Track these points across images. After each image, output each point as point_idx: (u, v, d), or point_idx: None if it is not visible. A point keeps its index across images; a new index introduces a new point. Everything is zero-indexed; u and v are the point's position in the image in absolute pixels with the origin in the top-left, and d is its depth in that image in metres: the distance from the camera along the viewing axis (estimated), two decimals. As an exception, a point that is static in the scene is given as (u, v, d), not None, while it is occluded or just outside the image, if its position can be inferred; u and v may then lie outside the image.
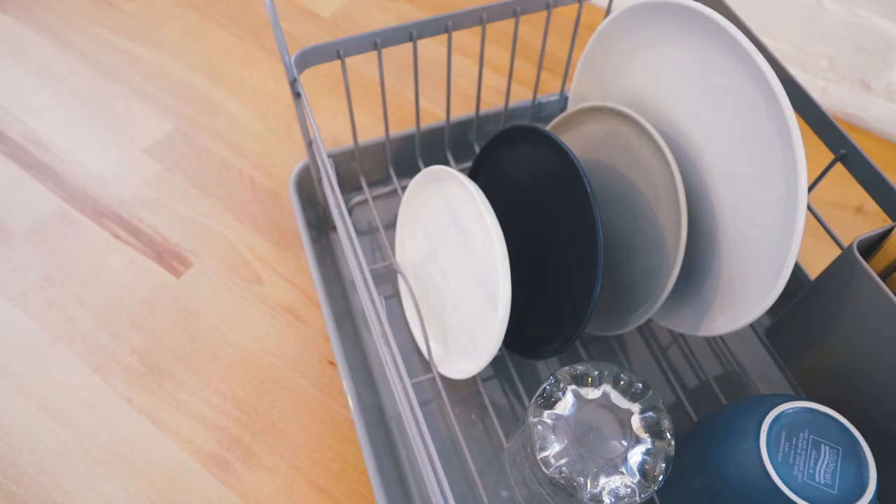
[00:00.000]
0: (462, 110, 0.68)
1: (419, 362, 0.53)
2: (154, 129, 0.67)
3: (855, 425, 0.40)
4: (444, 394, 0.47)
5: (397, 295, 0.56)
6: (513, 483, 0.45)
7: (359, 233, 0.61)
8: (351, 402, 0.47)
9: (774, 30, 0.70)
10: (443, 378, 0.51)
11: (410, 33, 0.49)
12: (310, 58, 0.46)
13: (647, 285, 0.46)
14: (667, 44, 0.43)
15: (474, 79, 0.60)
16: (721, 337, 0.54)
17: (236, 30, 0.75)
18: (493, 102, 0.69)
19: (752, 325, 0.51)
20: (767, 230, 0.39)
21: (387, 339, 0.40)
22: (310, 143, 0.50)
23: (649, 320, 0.53)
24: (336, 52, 0.47)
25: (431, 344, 0.51)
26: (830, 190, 0.64)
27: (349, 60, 0.69)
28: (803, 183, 0.36)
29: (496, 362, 0.52)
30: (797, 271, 0.53)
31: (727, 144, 0.41)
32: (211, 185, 0.63)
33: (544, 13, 0.52)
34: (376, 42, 0.48)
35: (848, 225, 0.63)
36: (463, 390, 0.51)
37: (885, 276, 0.40)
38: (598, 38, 0.49)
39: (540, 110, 0.63)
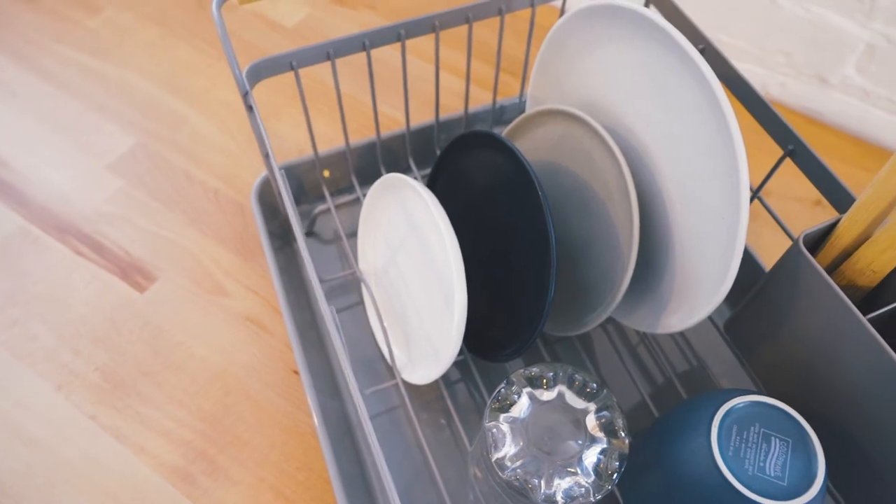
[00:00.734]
0: (427, 116, 0.68)
1: (385, 369, 0.53)
2: (117, 144, 0.66)
3: (809, 418, 0.40)
4: (407, 400, 0.48)
5: (364, 303, 0.56)
6: (476, 486, 0.45)
7: (324, 241, 0.61)
8: (314, 411, 0.47)
9: (732, 28, 0.71)
10: (408, 384, 0.51)
11: (363, 43, 0.49)
12: (262, 70, 0.47)
13: (605, 285, 0.46)
14: (614, 46, 0.44)
15: (431, 81, 0.60)
16: (683, 334, 0.55)
17: (199, 43, 0.75)
18: (456, 107, 0.70)
19: (713, 321, 0.52)
20: (715, 228, 0.39)
21: (342, 349, 0.40)
22: (266, 156, 0.50)
23: (613, 319, 0.54)
24: (289, 63, 0.48)
25: (395, 350, 0.52)
26: (791, 183, 0.65)
27: (312, 70, 0.69)
28: (745, 181, 0.36)
29: (461, 366, 0.52)
30: (754, 266, 0.54)
31: (674, 144, 0.41)
32: (174, 198, 0.63)
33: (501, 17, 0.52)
34: (329, 53, 0.48)
35: (808, 218, 0.64)
36: (428, 395, 0.52)
37: (832, 268, 0.41)
38: (550, 41, 0.49)
39: (501, 114, 0.64)
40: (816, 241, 0.41)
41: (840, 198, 0.41)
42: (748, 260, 0.53)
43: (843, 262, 0.40)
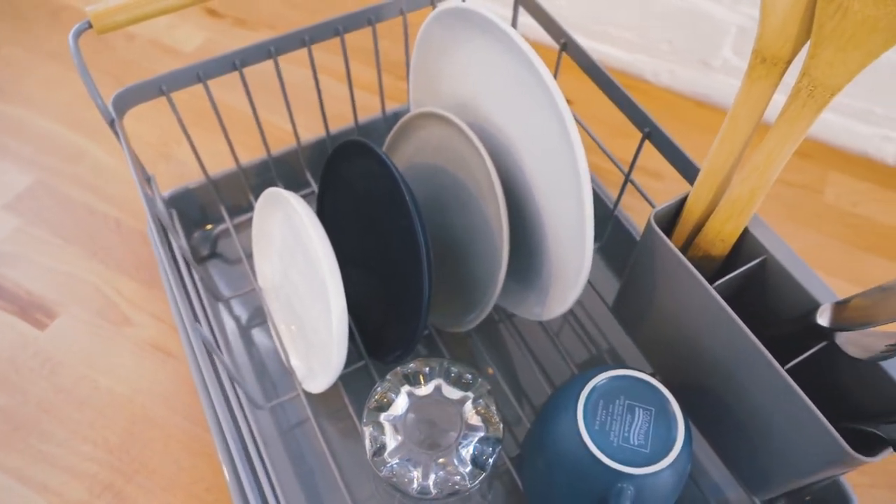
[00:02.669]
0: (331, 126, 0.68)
1: (291, 381, 0.53)
2: (14, 183, 0.66)
3: (684, 387, 0.42)
4: (309, 410, 0.48)
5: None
6: (379, 489, 0.46)
7: (230, 261, 0.61)
8: (212, 431, 0.47)
9: (618, 20, 0.74)
10: (314, 395, 0.52)
11: (234, 63, 0.50)
12: (130, 98, 0.47)
13: (489, 278, 0.47)
14: (469, 47, 0.45)
15: (335, 95, 0.61)
16: (576, 316, 0.56)
17: (99, 75, 0.75)
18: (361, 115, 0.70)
19: (604, 301, 0.54)
20: (573, 214, 0.41)
21: (222, 368, 0.41)
22: (148, 180, 0.51)
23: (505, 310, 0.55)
24: (159, 88, 0.48)
25: (297, 361, 0.52)
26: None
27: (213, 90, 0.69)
28: (584, 168, 0.38)
29: (361, 372, 0.53)
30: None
31: (531, 138, 0.43)
32: (75, 232, 0.63)
33: (398, 20, 0.53)
34: (199, 74, 0.49)
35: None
36: (335, 404, 0.52)
37: (689, 241, 0.42)
38: (418, 46, 0.51)
39: (394, 120, 0.65)
40: (672, 217, 0.43)
41: (693, 174, 0.43)
42: (634, 242, 0.55)
43: (698, 235, 0.42)
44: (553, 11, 0.76)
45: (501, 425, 0.39)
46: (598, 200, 0.58)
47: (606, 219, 0.55)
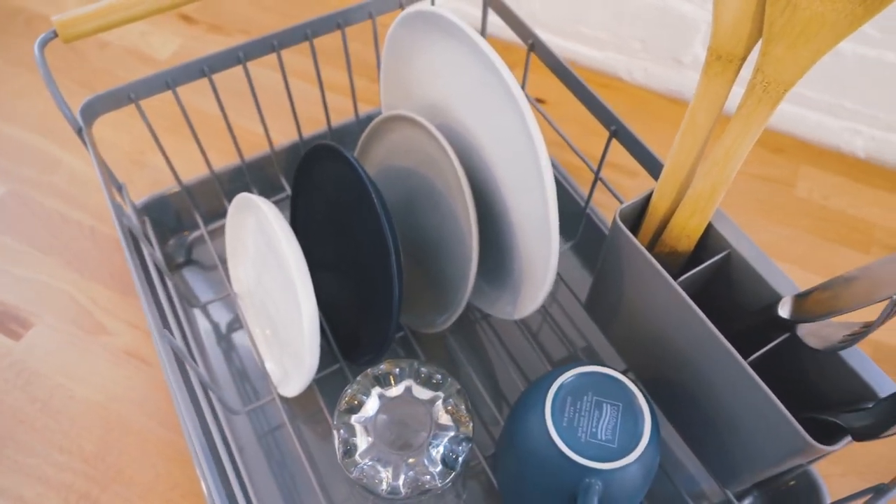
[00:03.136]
0: (306, 130, 0.68)
1: (267, 386, 0.53)
2: (-13, 194, 0.65)
3: (654, 381, 0.43)
4: (284, 414, 0.48)
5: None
6: (354, 491, 0.46)
7: (206, 267, 0.61)
8: (186, 437, 0.47)
9: (591, 20, 0.74)
10: (290, 399, 0.52)
11: (202, 69, 0.50)
12: (98, 106, 0.47)
13: (459, 279, 0.48)
14: (436, 49, 0.46)
15: (311, 98, 0.61)
16: (553, 315, 0.57)
17: (71, 84, 0.75)
18: (335, 119, 0.70)
19: (578, 299, 0.54)
20: (539, 213, 0.41)
21: (193, 374, 0.41)
22: (119, 188, 0.51)
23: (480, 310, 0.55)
24: (128, 96, 0.48)
25: (273, 365, 0.52)
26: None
27: (183, 95, 0.69)
28: (547, 168, 0.38)
29: (337, 375, 0.53)
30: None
31: (497, 139, 0.43)
32: (49, 242, 0.62)
33: (369, 22, 0.53)
34: (167, 82, 0.49)
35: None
36: (311, 407, 0.52)
37: (656, 238, 0.43)
38: (387, 48, 0.51)
39: (367, 123, 0.65)
40: (639, 213, 0.43)
41: (658, 170, 0.44)
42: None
43: (664, 231, 0.42)
44: (527, 11, 0.77)
45: (472, 424, 0.39)
46: (570, 198, 0.59)
47: (579, 216, 0.56)
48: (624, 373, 0.40)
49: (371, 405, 0.39)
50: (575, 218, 0.57)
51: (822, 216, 0.66)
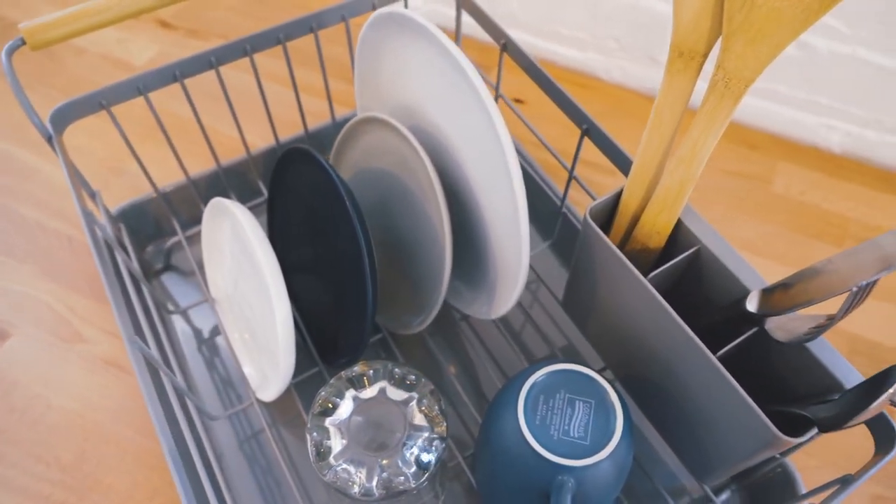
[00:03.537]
0: (285, 133, 0.68)
1: (247, 391, 0.53)
2: (-37, 203, 0.65)
3: (629, 381, 0.43)
4: (263, 418, 0.48)
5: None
6: (332, 494, 0.46)
7: (184, 273, 0.61)
8: (162, 444, 0.46)
9: (567, 20, 0.75)
10: (269, 404, 0.52)
11: (174, 74, 0.50)
12: (69, 113, 0.47)
13: (434, 281, 0.48)
14: (407, 51, 0.46)
15: (288, 102, 0.61)
16: (532, 314, 0.57)
17: (47, 90, 0.74)
18: (311, 122, 0.70)
19: (556, 298, 0.54)
20: (509, 213, 0.41)
21: (167, 380, 0.40)
22: (93, 196, 0.50)
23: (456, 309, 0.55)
24: (99, 103, 0.48)
25: (252, 370, 0.52)
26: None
27: (157, 101, 0.69)
28: (515, 168, 0.38)
29: (316, 378, 0.53)
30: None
31: (468, 140, 0.43)
32: (27, 250, 0.62)
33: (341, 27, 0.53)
34: (139, 87, 0.49)
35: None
36: (290, 411, 0.52)
37: (627, 235, 0.43)
38: (358, 52, 0.51)
39: (344, 126, 0.65)
40: (611, 211, 0.43)
41: (629, 168, 0.44)
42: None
43: (635, 228, 0.43)
44: (506, 11, 0.77)
45: (446, 424, 0.39)
46: (548, 198, 0.59)
47: (556, 215, 0.56)
48: (601, 371, 0.40)
49: (345, 407, 0.39)
50: (552, 217, 0.57)
51: (800, 211, 0.66)
